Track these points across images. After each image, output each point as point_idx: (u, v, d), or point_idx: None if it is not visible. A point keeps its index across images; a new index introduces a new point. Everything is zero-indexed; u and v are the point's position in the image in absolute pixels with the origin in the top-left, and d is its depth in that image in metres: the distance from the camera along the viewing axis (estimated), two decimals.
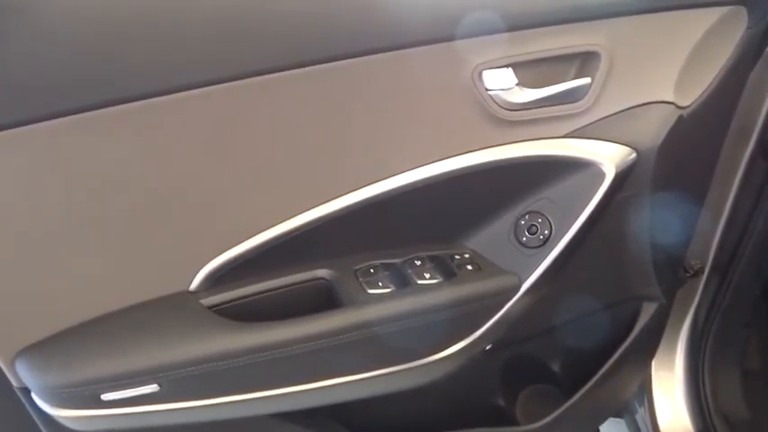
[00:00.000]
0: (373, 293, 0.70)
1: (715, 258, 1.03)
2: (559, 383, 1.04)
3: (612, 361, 0.94)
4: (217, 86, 0.59)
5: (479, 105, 0.68)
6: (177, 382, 0.64)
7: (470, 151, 0.69)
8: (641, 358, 1.05)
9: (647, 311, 0.95)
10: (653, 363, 1.13)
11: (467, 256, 0.76)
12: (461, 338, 0.76)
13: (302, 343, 0.66)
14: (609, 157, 0.72)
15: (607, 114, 0.72)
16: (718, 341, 1.12)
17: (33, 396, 0.68)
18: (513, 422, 1.01)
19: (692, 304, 1.11)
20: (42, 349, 0.63)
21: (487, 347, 0.80)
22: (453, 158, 0.69)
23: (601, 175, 0.72)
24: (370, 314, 0.68)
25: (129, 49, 0.56)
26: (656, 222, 0.82)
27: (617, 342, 0.95)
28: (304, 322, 0.67)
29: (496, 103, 0.68)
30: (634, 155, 0.73)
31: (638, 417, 1.25)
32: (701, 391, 1.14)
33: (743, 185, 0.94)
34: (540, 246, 0.75)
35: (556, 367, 1.04)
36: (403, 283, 0.72)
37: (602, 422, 1.13)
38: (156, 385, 0.64)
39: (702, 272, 1.05)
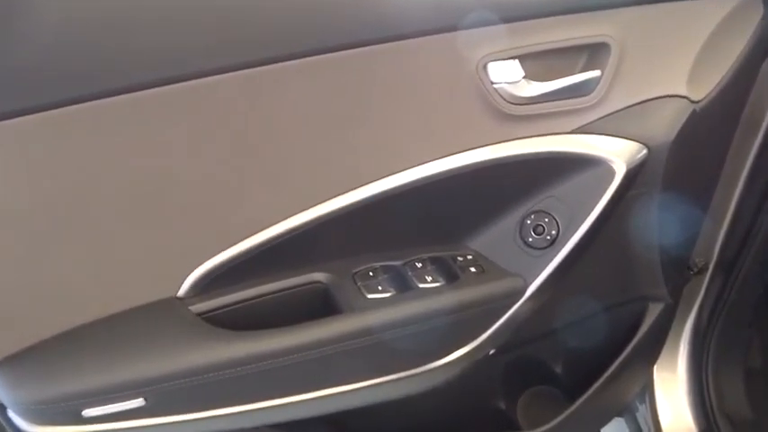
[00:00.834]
0: (373, 298, 0.67)
1: (719, 256, 1.01)
2: (562, 386, 1.02)
3: (617, 363, 0.92)
4: (203, 80, 0.56)
5: (484, 99, 0.65)
6: (165, 396, 0.60)
7: (474, 148, 0.66)
8: (646, 359, 1.02)
9: (653, 312, 0.92)
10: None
11: (470, 257, 0.73)
12: (464, 344, 0.73)
13: (298, 352, 0.63)
14: (619, 153, 0.69)
15: (617, 109, 0.69)
16: (722, 340, 1.10)
17: (9, 413, 0.64)
18: (514, 425, 0.99)
19: (695, 303, 1.08)
20: (18, 362, 0.59)
21: (491, 352, 0.77)
22: (456, 155, 0.66)
23: (611, 173, 0.69)
24: (370, 321, 0.65)
25: (115, 42, 0.53)
26: (664, 220, 0.79)
27: (621, 343, 0.93)
28: (300, 330, 0.64)
29: (502, 97, 0.65)
30: (645, 151, 0.70)
31: (638, 415, 1.23)
32: (705, 390, 1.12)
33: (749, 182, 0.91)
34: (546, 247, 0.72)
35: (558, 369, 1.01)
36: (403, 286, 0.69)
37: (605, 424, 1.10)
38: (141, 399, 0.60)
39: (706, 270, 1.03)
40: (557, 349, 0.97)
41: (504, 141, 0.67)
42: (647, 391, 1.15)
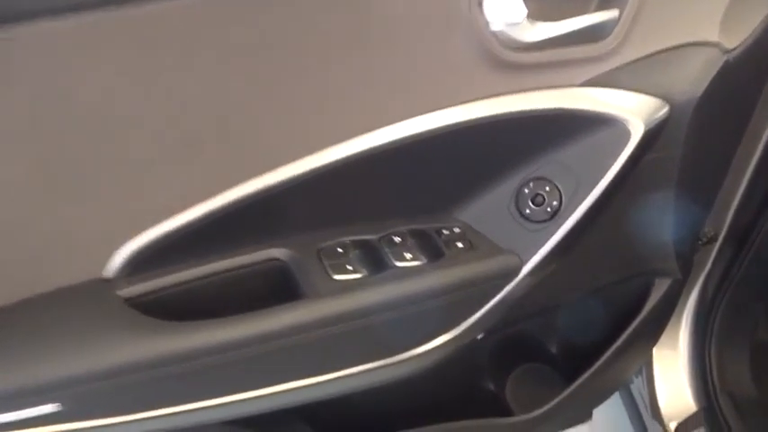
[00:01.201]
0: (340, 280, 0.57)
1: (731, 225, 0.93)
2: (555, 364, 0.95)
3: (620, 342, 0.84)
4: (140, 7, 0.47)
5: (477, 44, 0.56)
6: (86, 399, 0.51)
7: (464, 102, 0.57)
8: (649, 337, 0.95)
9: (660, 287, 0.85)
10: None
11: (457, 230, 0.64)
12: (448, 329, 0.64)
13: (250, 345, 0.53)
14: (636, 110, 0.59)
15: (636, 57, 0.60)
16: (728, 315, 1.04)
17: None
18: (503, 407, 0.92)
19: (700, 275, 1.01)
20: None
21: (479, 337, 0.68)
22: (442, 111, 0.57)
23: (626, 134, 0.60)
24: (336, 307, 0.56)
25: None
26: (681, 187, 0.70)
27: (623, 321, 0.85)
28: (252, 319, 0.54)
29: (499, 41, 0.56)
30: (667, 108, 0.60)
31: (633, 389, 1.19)
32: (706, 367, 1.07)
33: None
34: (546, 220, 0.63)
35: (553, 347, 0.94)
36: (378, 265, 0.59)
37: (601, 404, 1.04)
38: (56, 404, 0.50)
39: (715, 240, 0.95)
40: (551, 327, 0.90)
41: (499, 95, 0.58)
42: (645, 366, 1.09)
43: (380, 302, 0.57)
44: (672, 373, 1.09)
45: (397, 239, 0.61)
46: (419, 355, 0.63)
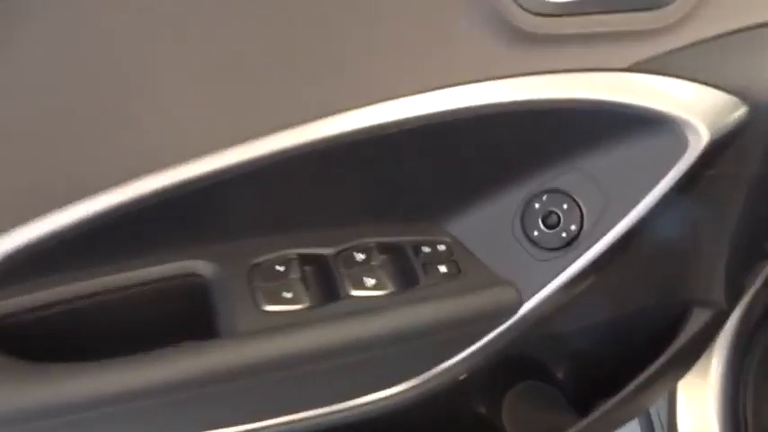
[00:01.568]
0: (271, 311, 0.44)
1: None
2: (558, 383, 0.83)
3: (645, 376, 0.72)
4: None
5: (489, 7, 0.44)
6: None
7: (467, 83, 0.45)
8: (679, 371, 0.83)
9: (699, 318, 0.72)
10: None
11: (442, 248, 0.50)
12: (415, 375, 0.51)
13: (140, 399, 0.40)
14: (701, 110, 0.45)
15: (707, 36, 0.45)
16: None
17: None
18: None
19: (745, 295, 0.87)
20: None
21: (461, 378, 0.55)
22: (434, 93, 0.45)
23: (682, 141, 0.45)
24: (257, 351, 0.43)
25: None
26: (745, 212, 0.55)
27: (650, 350, 0.73)
28: (146, 364, 0.41)
29: (519, 3, 0.44)
30: (744, 110, 0.46)
31: (653, 416, 1.08)
32: (740, 402, 0.97)
33: None
34: (560, 248, 0.49)
35: (559, 372, 0.81)
36: (327, 293, 0.46)
37: None
38: None
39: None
40: (561, 355, 0.77)
41: (515, 76, 0.45)
42: (668, 392, 0.98)
43: (320, 348, 0.44)
44: (698, 405, 0.98)
45: (360, 257, 0.48)
46: (371, 403, 0.50)
